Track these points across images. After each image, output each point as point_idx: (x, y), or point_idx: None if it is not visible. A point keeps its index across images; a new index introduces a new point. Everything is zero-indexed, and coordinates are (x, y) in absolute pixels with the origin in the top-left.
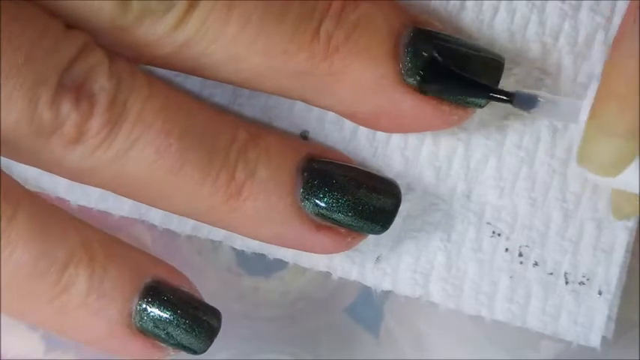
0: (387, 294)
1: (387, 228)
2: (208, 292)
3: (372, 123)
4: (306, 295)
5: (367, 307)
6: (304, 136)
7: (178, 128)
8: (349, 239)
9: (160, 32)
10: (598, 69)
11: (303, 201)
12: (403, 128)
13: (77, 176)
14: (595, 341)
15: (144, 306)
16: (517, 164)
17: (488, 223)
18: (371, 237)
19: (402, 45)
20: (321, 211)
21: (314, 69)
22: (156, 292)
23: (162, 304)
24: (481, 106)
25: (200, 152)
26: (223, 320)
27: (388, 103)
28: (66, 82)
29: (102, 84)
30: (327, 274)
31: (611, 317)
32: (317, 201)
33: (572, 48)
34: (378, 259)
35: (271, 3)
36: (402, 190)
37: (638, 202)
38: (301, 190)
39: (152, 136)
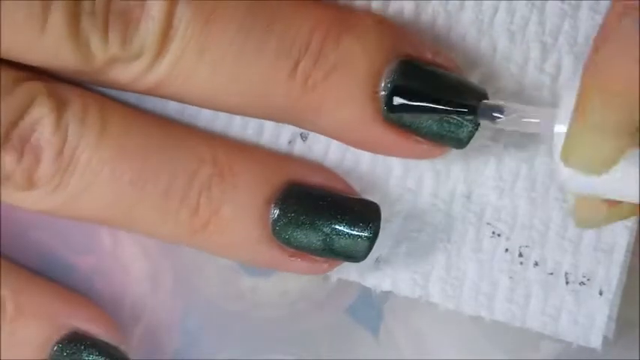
0: (386, 294)
1: (363, 259)
2: (208, 292)
3: (358, 148)
4: (306, 295)
5: (367, 307)
6: (304, 138)
7: (129, 174)
8: (325, 265)
9: (131, 76)
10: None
11: (273, 233)
12: (388, 155)
13: (40, 213)
14: (595, 342)
15: (57, 355)
16: (517, 164)
17: (488, 224)
18: None
19: (382, 84)
20: (291, 244)
21: (292, 105)
22: (70, 343)
23: (76, 355)
24: (461, 144)
25: (154, 195)
26: (224, 320)
27: (368, 138)
28: (12, 136)
29: (47, 137)
30: (327, 275)
31: (611, 317)
32: (287, 236)
33: (572, 47)
34: (377, 259)
35: (246, 43)
36: (402, 191)
37: (604, 209)
38: (271, 224)
39: (102, 184)
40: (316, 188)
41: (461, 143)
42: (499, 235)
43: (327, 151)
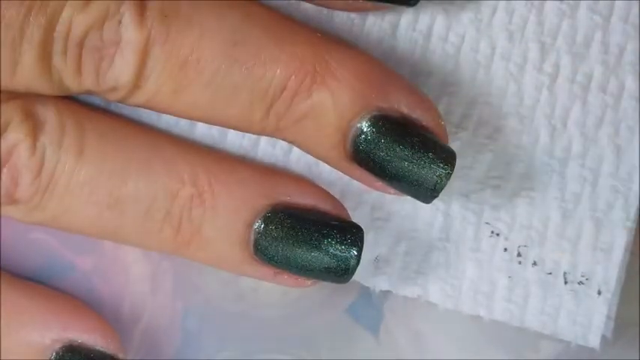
0: (386, 294)
1: (346, 282)
2: (208, 292)
3: None
4: (306, 295)
5: (367, 307)
6: None
7: (107, 198)
8: (309, 282)
9: (109, 100)
10: (596, 69)
11: (255, 254)
12: None
13: (29, 224)
14: (594, 341)
15: None
16: (515, 163)
17: (486, 223)
18: (369, 237)
19: (349, 138)
20: (273, 265)
21: (269, 134)
22: (66, 356)
23: None
24: (427, 200)
25: (135, 215)
26: (224, 320)
27: (339, 170)
28: None
29: (24, 162)
30: None
31: (610, 317)
32: (268, 258)
33: (571, 47)
34: (376, 259)
35: (221, 87)
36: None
37: None
38: (252, 245)
39: (82, 206)
40: (299, 210)
41: (427, 199)
42: (498, 234)
43: None
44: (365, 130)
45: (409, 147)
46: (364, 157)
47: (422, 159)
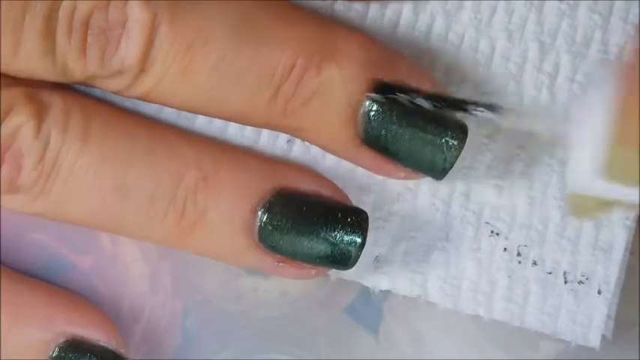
0: (386, 294)
1: (351, 267)
2: (208, 292)
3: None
4: (305, 295)
5: (367, 307)
6: None
7: (112, 181)
8: (313, 272)
9: (112, 89)
10: (595, 70)
11: (260, 240)
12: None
13: (30, 215)
14: (594, 341)
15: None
16: (515, 163)
17: (486, 223)
18: (369, 237)
19: (360, 113)
20: (278, 252)
21: (274, 124)
22: (68, 350)
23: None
24: (439, 176)
25: (139, 200)
26: (224, 320)
27: (347, 158)
28: None
29: (27, 145)
30: (326, 274)
31: (610, 316)
32: (273, 244)
33: (570, 47)
34: (376, 258)
35: (229, 68)
36: (401, 189)
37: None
38: (257, 231)
39: (86, 191)
40: (303, 195)
41: (438, 174)
42: (498, 234)
43: None
44: (375, 106)
45: (421, 118)
46: (375, 134)
47: (434, 130)
